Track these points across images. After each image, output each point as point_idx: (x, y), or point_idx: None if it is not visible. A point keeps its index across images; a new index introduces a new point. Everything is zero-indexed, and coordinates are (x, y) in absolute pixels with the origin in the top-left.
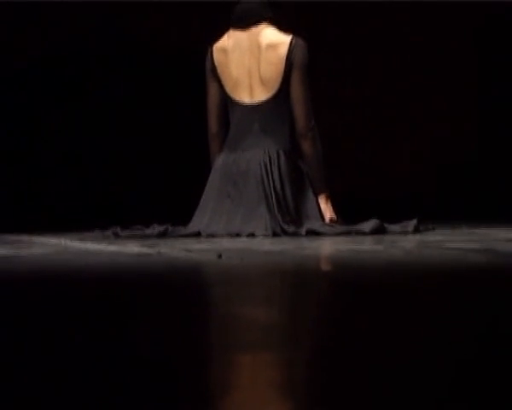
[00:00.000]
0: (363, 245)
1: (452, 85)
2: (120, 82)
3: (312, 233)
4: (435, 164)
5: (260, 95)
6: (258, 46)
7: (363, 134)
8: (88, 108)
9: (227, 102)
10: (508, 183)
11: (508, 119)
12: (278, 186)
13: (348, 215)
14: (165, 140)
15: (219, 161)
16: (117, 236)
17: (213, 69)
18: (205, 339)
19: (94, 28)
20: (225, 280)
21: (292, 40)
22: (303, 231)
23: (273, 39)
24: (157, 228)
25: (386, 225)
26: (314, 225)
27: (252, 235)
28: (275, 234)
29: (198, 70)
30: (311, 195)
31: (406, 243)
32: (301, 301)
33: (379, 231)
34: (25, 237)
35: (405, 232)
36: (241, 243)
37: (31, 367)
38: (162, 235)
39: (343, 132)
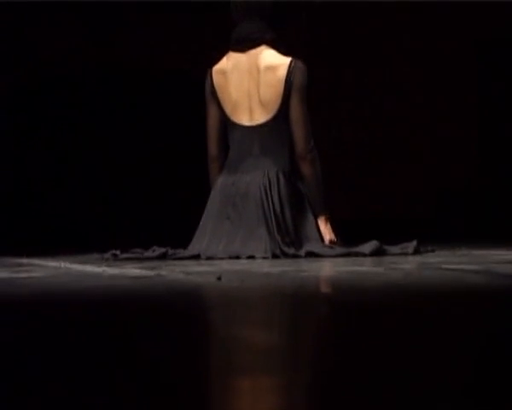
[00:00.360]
0: (363, 267)
1: (453, 108)
2: (118, 104)
3: (312, 255)
4: (435, 186)
5: (260, 117)
6: (258, 68)
7: (363, 156)
8: (87, 132)
9: (226, 124)
10: (507, 205)
11: (507, 141)
12: (278, 208)
13: (348, 237)
14: (165, 162)
15: (219, 183)
16: (116, 258)
17: (213, 91)
18: (205, 362)
19: (89, 51)
20: (225, 302)
21: (291, 62)
22: (302, 252)
23: (272, 61)
24: (157, 250)
25: (385, 247)
26: (314, 246)
27: (251, 257)
28: (274, 256)
29: (197, 93)
30: (310, 216)
31: (406, 264)
32: (301, 323)
33: (378, 252)
34: (24, 260)
35: (405, 254)
36: (241, 265)
37: (31, 391)
38: (162, 257)
39: (343, 154)
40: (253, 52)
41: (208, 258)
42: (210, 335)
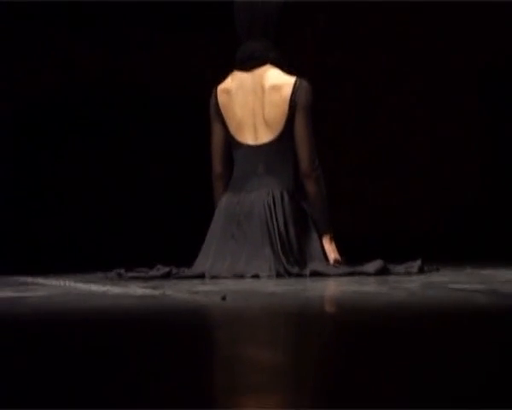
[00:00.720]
0: (368, 286)
1: (455, 127)
2: (121, 125)
3: (316, 274)
4: (439, 205)
5: (264, 136)
6: (262, 87)
7: (368, 175)
8: (89, 151)
9: (231, 143)
10: None
11: (510, 159)
12: (282, 227)
13: (352, 256)
14: (169, 181)
15: (223, 202)
16: (121, 277)
17: (217, 111)
18: (210, 381)
19: (92, 73)
20: (230, 322)
21: (296, 81)
22: (307, 272)
23: (277, 81)
24: (161, 269)
25: (390, 266)
26: (318, 266)
27: (256, 276)
28: (279, 275)
29: (201, 112)
30: (314, 235)
31: (410, 284)
32: (305, 343)
33: (383, 272)
34: (28, 279)
35: (410, 273)
36: (246, 284)
37: None
38: (166, 276)
39: (346, 173)
40: (257, 71)
41: (213, 277)
42: (215, 354)
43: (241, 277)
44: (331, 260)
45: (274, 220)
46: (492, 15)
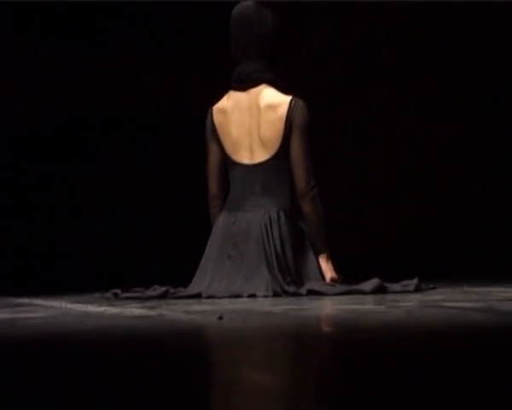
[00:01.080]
0: (364, 305)
1: (454, 145)
2: (117, 145)
3: (313, 293)
4: (436, 223)
5: (260, 155)
6: (258, 107)
7: (365, 193)
8: (86, 172)
9: (227, 162)
10: (509, 241)
11: (509, 176)
12: (279, 247)
13: (349, 275)
14: (165, 201)
15: (220, 222)
16: (117, 297)
17: (213, 130)
18: (207, 403)
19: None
20: (227, 343)
21: (292, 101)
22: (304, 291)
23: (273, 100)
24: (158, 289)
25: (386, 285)
26: (315, 285)
27: (253, 296)
28: (276, 294)
29: (197, 131)
30: (311, 255)
31: (407, 302)
32: (303, 364)
33: (380, 290)
34: (25, 300)
35: (406, 292)
36: (242, 303)
37: None
38: (163, 296)
39: (344, 192)
40: (253, 91)
41: (209, 297)
42: (212, 375)
43: (238, 296)
44: (328, 279)
45: (270, 240)
46: (493, 20)
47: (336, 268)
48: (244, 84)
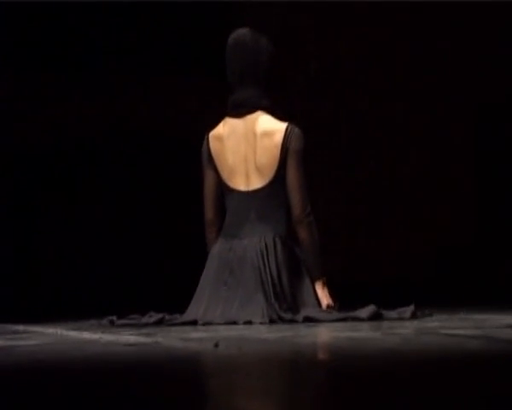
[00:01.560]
0: (361, 332)
1: (451, 169)
2: (114, 171)
3: (309, 320)
4: (433, 249)
5: (256, 182)
6: (254, 133)
7: (362, 219)
8: (84, 200)
9: (223, 189)
10: (506, 268)
11: (506, 202)
12: (275, 273)
13: (345, 301)
14: (162, 228)
15: (216, 249)
16: (113, 324)
17: (209, 157)
18: None
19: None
20: (222, 370)
21: (287, 128)
22: (300, 317)
23: (269, 127)
24: (154, 316)
25: (383, 312)
26: (311, 311)
27: (249, 322)
28: (272, 321)
29: (194, 158)
30: (307, 281)
31: (403, 329)
32: (299, 392)
33: (376, 317)
34: (20, 327)
35: (403, 319)
36: (238, 330)
37: None
38: (159, 323)
39: (341, 218)
40: (249, 117)
41: (205, 324)
42: (208, 403)
43: (234, 323)
44: (324, 306)
45: (266, 267)
46: (490, 53)
47: (332, 295)
48: (240, 111)
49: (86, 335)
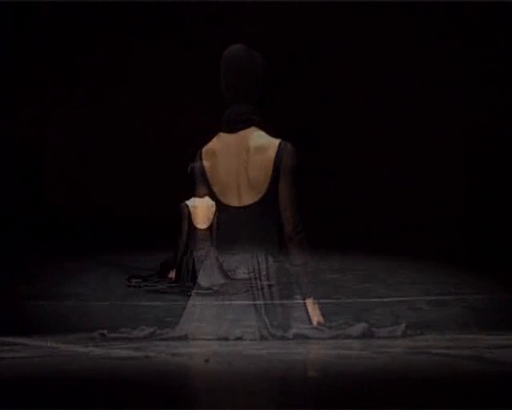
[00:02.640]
0: (351, 350)
1: (444, 193)
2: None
3: (300, 337)
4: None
5: (248, 198)
6: (247, 149)
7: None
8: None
9: (215, 204)
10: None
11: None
12: (266, 290)
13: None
14: (154, 239)
15: (208, 263)
16: (104, 338)
17: (202, 172)
18: None
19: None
20: (212, 387)
21: (280, 144)
22: (290, 334)
23: (261, 143)
24: (145, 330)
25: (373, 330)
26: (302, 328)
27: (239, 338)
28: (262, 338)
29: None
30: (298, 298)
31: (393, 348)
32: (289, 409)
33: (367, 335)
34: (9, 339)
35: (393, 337)
36: (229, 346)
37: None
38: (149, 337)
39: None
40: (242, 133)
41: (196, 339)
42: None
43: (225, 339)
44: (315, 323)
45: (258, 283)
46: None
47: (323, 312)
48: (234, 127)
49: (77, 348)
